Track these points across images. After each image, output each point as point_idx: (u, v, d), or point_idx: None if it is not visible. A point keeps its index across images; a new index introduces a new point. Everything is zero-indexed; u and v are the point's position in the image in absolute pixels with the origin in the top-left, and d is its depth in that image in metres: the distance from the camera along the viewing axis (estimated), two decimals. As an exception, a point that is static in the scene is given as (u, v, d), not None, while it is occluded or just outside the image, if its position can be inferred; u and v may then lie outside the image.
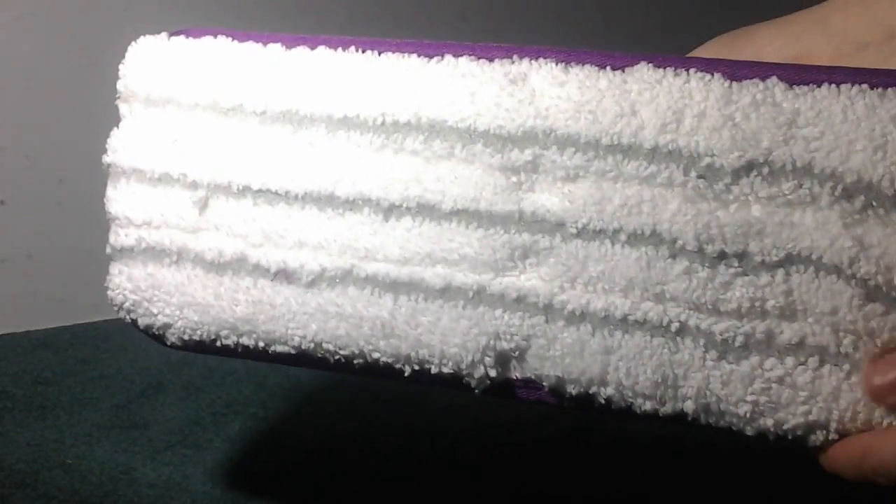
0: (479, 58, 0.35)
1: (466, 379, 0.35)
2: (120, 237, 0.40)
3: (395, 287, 0.36)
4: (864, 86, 0.32)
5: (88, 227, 0.75)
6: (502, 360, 0.35)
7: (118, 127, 0.40)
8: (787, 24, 0.36)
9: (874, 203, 0.31)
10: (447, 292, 0.35)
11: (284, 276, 0.37)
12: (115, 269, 0.40)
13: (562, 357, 0.34)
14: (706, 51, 0.39)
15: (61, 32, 0.70)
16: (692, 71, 0.33)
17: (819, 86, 0.32)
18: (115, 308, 0.41)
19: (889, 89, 0.31)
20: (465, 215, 0.35)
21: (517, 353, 0.35)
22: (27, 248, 0.72)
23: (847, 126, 0.31)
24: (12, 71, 0.69)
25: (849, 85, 0.32)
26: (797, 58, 0.36)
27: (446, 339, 0.35)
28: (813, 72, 0.33)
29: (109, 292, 0.41)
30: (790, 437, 0.33)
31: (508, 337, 0.35)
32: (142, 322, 0.40)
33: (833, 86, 0.32)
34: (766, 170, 0.32)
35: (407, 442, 0.57)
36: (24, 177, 0.71)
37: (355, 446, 0.56)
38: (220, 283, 0.38)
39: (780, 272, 0.32)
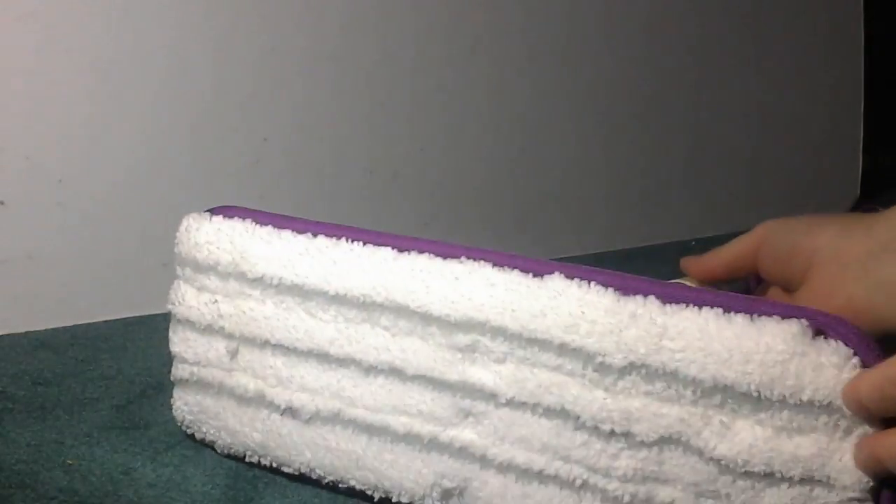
0: (435, 255, 0.43)
1: None
2: (179, 370, 0.51)
3: (369, 429, 0.46)
4: (718, 309, 0.39)
5: (88, 227, 0.75)
6: (446, 496, 0.45)
7: (176, 283, 0.50)
8: (845, 220, 0.46)
9: (729, 400, 0.39)
10: (407, 437, 0.45)
11: (290, 412, 0.48)
12: (177, 394, 0.52)
13: (490, 497, 0.44)
14: (769, 227, 0.50)
15: (62, 32, 0.70)
16: (592, 284, 0.41)
17: (686, 306, 0.39)
18: (179, 423, 0.53)
19: (734, 313, 0.39)
20: (423, 380, 0.44)
21: (457, 491, 0.45)
22: (27, 248, 0.72)
23: (702, 342, 0.38)
24: (13, 71, 0.69)
25: (708, 307, 0.39)
26: (840, 248, 0.44)
27: (403, 475, 0.45)
28: (684, 293, 0.40)
29: (174, 412, 0.53)
30: None
31: (451, 477, 0.44)
32: (196, 436, 0.53)
33: (695, 307, 0.39)
34: (643, 371, 0.40)
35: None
36: (24, 177, 0.71)
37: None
38: (245, 413, 0.49)
39: (655, 450, 0.40)
